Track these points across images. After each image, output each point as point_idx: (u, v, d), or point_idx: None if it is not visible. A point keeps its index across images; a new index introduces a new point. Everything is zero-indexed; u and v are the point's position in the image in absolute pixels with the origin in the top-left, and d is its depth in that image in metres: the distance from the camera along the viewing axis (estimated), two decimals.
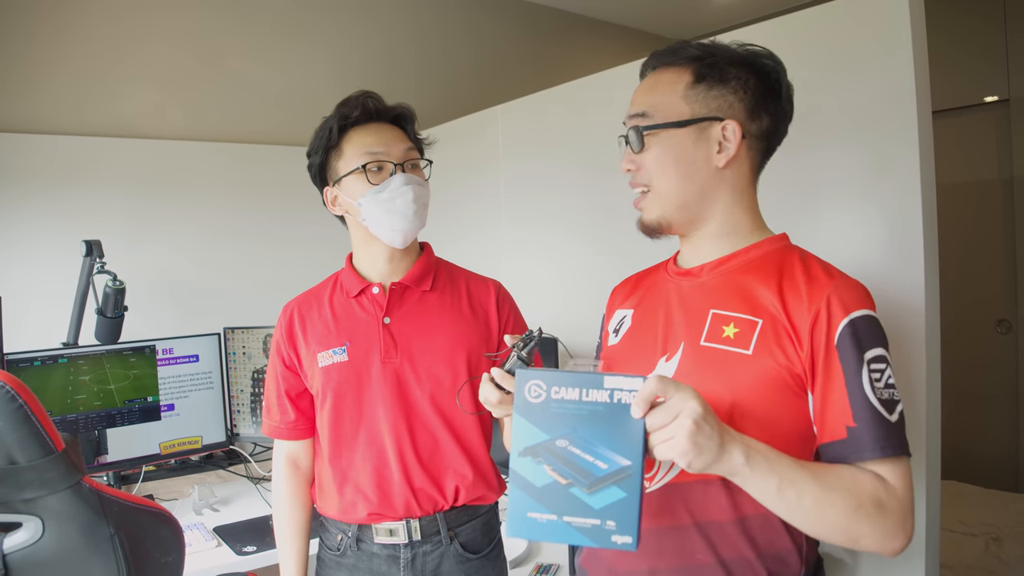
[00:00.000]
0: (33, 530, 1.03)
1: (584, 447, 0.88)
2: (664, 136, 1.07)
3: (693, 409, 0.84)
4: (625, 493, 0.86)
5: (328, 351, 1.42)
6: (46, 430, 1.02)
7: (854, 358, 0.96)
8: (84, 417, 2.23)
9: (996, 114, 3.65)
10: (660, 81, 1.09)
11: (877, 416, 0.94)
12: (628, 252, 2.17)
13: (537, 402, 0.90)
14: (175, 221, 2.90)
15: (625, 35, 4.45)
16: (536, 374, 0.91)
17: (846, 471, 0.94)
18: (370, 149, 1.38)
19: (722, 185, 1.08)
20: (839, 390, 0.96)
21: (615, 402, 0.87)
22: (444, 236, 3.01)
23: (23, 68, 2.58)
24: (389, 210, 1.37)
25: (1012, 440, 3.61)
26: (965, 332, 3.63)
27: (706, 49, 1.08)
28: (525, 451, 0.90)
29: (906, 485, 0.94)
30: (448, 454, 1.42)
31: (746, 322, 1.03)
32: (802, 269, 1.04)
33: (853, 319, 0.97)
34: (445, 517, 1.43)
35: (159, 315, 2.70)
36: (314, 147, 1.44)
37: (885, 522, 0.92)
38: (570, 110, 2.42)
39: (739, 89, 1.05)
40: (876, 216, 1.55)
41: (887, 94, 1.52)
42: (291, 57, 3.19)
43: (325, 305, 1.47)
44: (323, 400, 1.43)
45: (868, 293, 1.02)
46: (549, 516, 0.89)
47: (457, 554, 1.43)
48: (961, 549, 2.58)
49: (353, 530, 1.44)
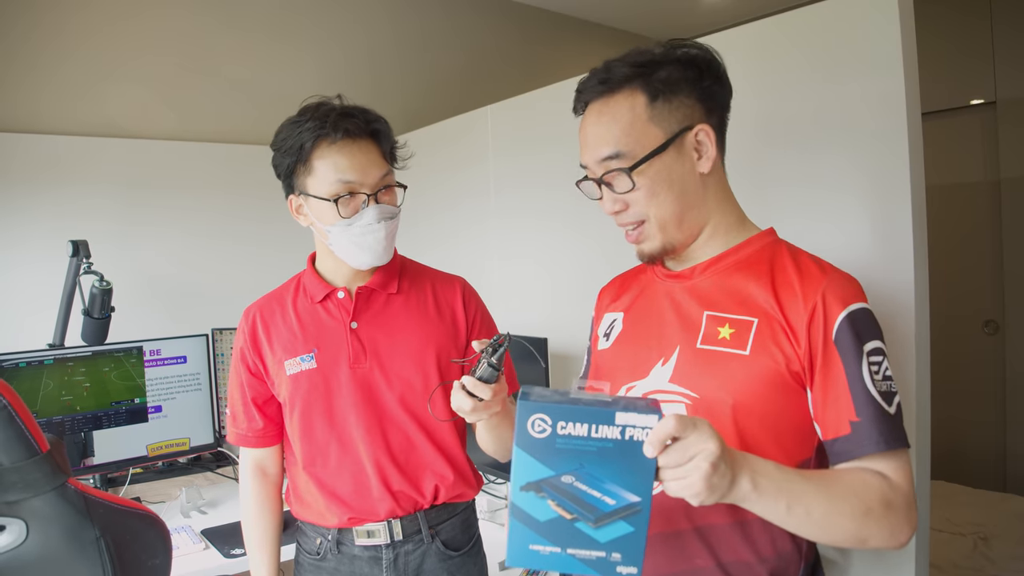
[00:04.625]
0: (17, 533, 1.01)
1: (591, 483, 0.84)
2: (650, 166, 1.03)
3: (711, 452, 0.81)
4: (633, 528, 0.83)
5: (295, 359, 1.39)
6: (30, 431, 1.01)
7: (854, 352, 0.95)
8: (70, 419, 2.21)
9: (983, 116, 3.67)
10: (615, 114, 1.04)
11: (879, 410, 0.94)
12: (618, 252, 2.17)
13: (541, 437, 0.84)
14: (163, 221, 2.88)
15: (614, 37, 4.45)
16: (541, 408, 0.84)
17: (853, 476, 0.93)
18: (343, 176, 1.29)
19: (709, 189, 1.07)
20: (841, 385, 0.96)
21: (626, 439, 0.83)
22: (434, 236, 3.01)
23: (9, 68, 2.56)
24: (359, 244, 1.32)
25: (999, 440, 3.63)
26: (953, 333, 3.65)
27: (637, 64, 1.04)
28: (527, 486, 0.85)
29: (907, 477, 0.95)
30: (424, 454, 1.40)
31: (741, 322, 1.02)
32: (793, 264, 1.03)
33: (851, 312, 0.97)
34: (425, 516, 1.42)
35: (146, 316, 2.67)
36: (280, 147, 1.34)
37: (892, 520, 0.92)
38: (559, 110, 2.41)
39: (691, 92, 1.04)
40: (865, 217, 1.56)
41: (876, 95, 1.52)
42: (279, 58, 3.18)
43: (289, 310, 1.43)
44: (292, 408, 1.40)
45: (860, 286, 1.02)
46: (552, 548, 0.85)
47: (439, 552, 1.43)
48: (950, 549, 2.59)
49: (333, 533, 1.41)
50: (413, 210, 3.35)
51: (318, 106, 1.33)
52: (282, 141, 1.33)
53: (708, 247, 1.10)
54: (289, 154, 1.32)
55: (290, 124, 1.34)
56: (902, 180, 1.49)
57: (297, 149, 1.30)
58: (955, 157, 3.78)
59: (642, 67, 1.03)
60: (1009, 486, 3.51)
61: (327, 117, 1.29)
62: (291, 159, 1.33)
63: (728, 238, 1.09)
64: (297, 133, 1.30)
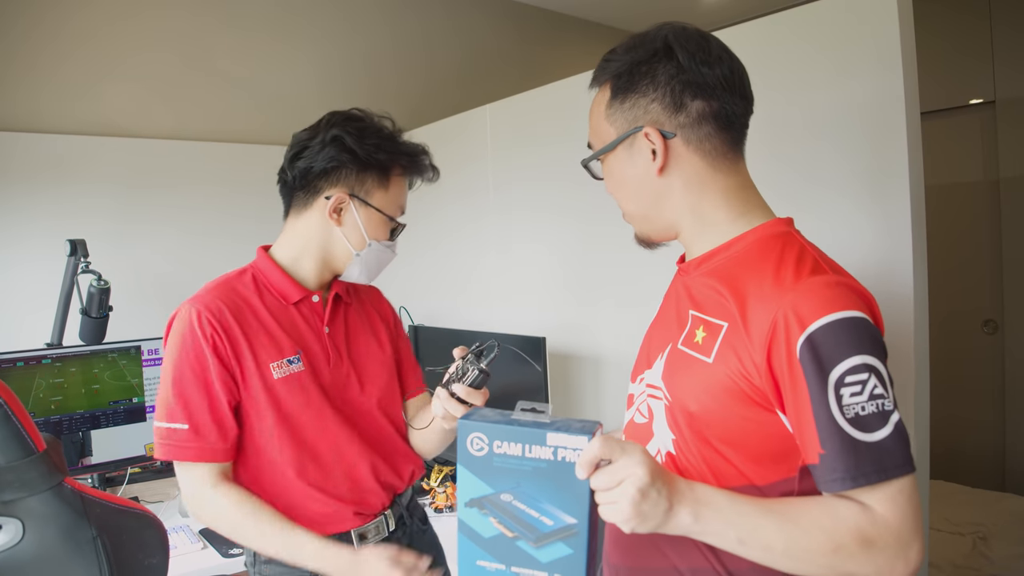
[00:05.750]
0: (13, 532, 1.01)
1: (529, 503, 0.85)
2: (606, 162, 1.06)
3: (639, 477, 0.79)
4: (572, 550, 0.84)
5: (282, 360, 1.33)
6: (27, 430, 1.00)
7: (817, 379, 0.84)
8: (68, 418, 2.21)
9: (982, 116, 3.67)
10: (592, 106, 1.08)
11: (848, 442, 0.82)
12: (616, 250, 2.17)
13: (479, 455, 0.87)
14: (161, 220, 2.87)
15: (613, 36, 4.45)
16: (477, 427, 0.87)
17: (822, 508, 0.84)
18: (403, 206, 1.45)
19: (672, 189, 1.02)
20: (806, 413, 0.85)
21: (559, 460, 0.83)
22: (434, 235, 3.01)
23: (8, 67, 2.56)
24: (379, 262, 1.44)
25: (998, 440, 3.63)
26: (952, 332, 3.65)
27: (608, 60, 1.04)
28: (471, 503, 0.88)
29: (899, 511, 0.82)
30: (398, 444, 1.48)
31: (713, 326, 0.96)
32: (774, 267, 0.93)
33: (814, 332, 0.84)
34: (401, 499, 1.48)
35: (144, 315, 2.67)
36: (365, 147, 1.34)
37: (876, 558, 0.82)
38: (559, 109, 2.41)
39: (648, 89, 0.99)
40: (865, 217, 1.56)
41: (876, 95, 1.52)
42: (278, 57, 3.18)
43: (261, 310, 1.35)
44: (277, 413, 1.32)
45: (846, 292, 0.88)
46: (497, 566, 0.88)
47: (418, 529, 1.51)
48: (949, 548, 2.59)
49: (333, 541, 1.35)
50: (412, 209, 3.35)
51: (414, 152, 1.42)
52: (373, 145, 1.36)
53: (703, 241, 1.04)
54: (374, 160, 1.36)
55: (379, 132, 1.38)
56: (901, 180, 1.49)
57: (386, 161, 1.37)
58: (954, 157, 3.77)
59: (609, 62, 1.04)
60: (1008, 485, 3.51)
61: (418, 155, 1.42)
62: (373, 165, 1.36)
63: (720, 233, 1.02)
64: (395, 149, 1.38)
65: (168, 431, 1.28)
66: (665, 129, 0.99)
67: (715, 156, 1.01)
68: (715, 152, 1.00)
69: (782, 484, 0.92)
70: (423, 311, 3.02)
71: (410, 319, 2.99)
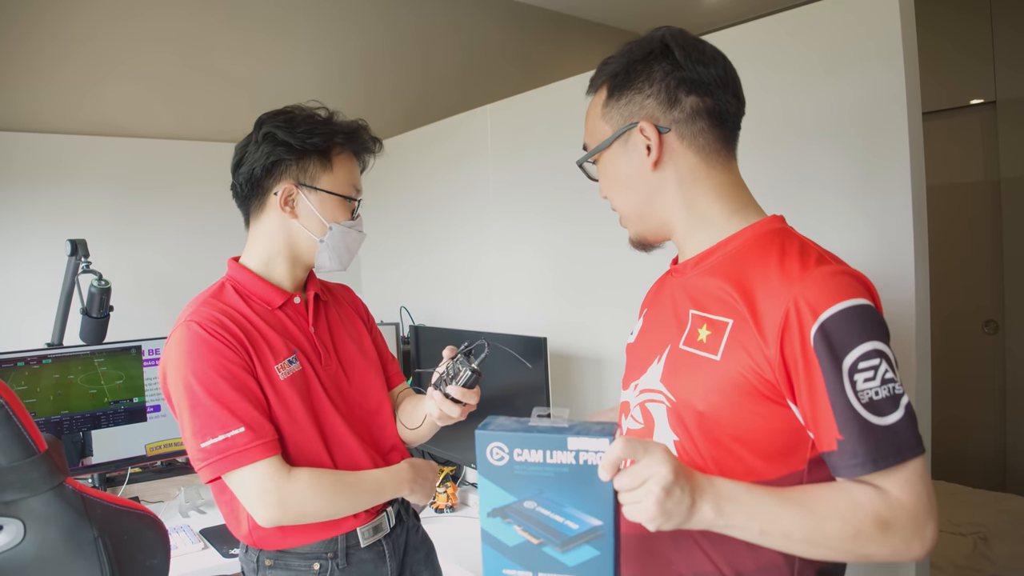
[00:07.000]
0: (14, 533, 1.01)
1: (553, 508, 0.86)
2: (601, 161, 1.08)
3: (662, 476, 0.81)
4: (599, 552, 0.85)
5: (283, 362, 1.34)
6: (28, 431, 1.00)
7: (831, 364, 0.86)
8: (69, 418, 2.21)
9: (983, 116, 3.67)
10: (589, 108, 1.10)
11: (865, 427, 0.85)
12: (616, 250, 2.17)
13: (500, 465, 0.87)
14: (161, 220, 2.88)
15: (613, 36, 4.45)
16: (496, 437, 0.87)
17: (840, 493, 0.87)
18: (356, 184, 1.42)
19: (666, 184, 1.03)
20: (823, 400, 0.87)
21: (581, 463, 0.84)
22: (433, 234, 3.01)
23: (8, 67, 2.56)
24: (348, 247, 1.42)
25: (999, 440, 3.63)
26: (953, 332, 3.65)
27: (621, 58, 1.05)
28: (494, 512, 0.88)
29: (914, 492, 0.85)
30: (390, 438, 1.50)
31: (717, 323, 0.97)
32: (778, 261, 0.94)
33: (827, 319, 0.87)
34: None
35: (145, 315, 2.67)
36: (297, 135, 1.34)
37: (893, 539, 0.84)
38: (559, 109, 2.41)
39: (644, 86, 1.02)
40: (865, 217, 1.56)
41: (877, 95, 1.52)
42: (278, 57, 3.18)
43: (254, 317, 1.36)
44: (286, 413, 1.33)
45: (850, 280, 0.91)
46: (525, 573, 0.88)
47: (413, 525, 1.52)
48: (950, 549, 2.59)
49: (340, 542, 1.37)
50: (412, 209, 3.35)
51: (350, 127, 1.40)
52: (305, 131, 1.35)
53: (698, 240, 1.05)
54: (309, 145, 1.35)
55: (310, 119, 1.38)
56: (902, 180, 1.49)
57: (322, 142, 1.36)
58: (955, 157, 3.77)
59: (606, 65, 1.07)
60: (1009, 486, 3.51)
61: (355, 130, 1.40)
62: (310, 150, 1.36)
63: (717, 230, 1.03)
64: (328, 129, 1.37)
65: (223, 443, 1.23)
66: (660, 124, 1.01)
67: (708, 152, 1.03)
68: (708, 148, 1.03)
69: (790, 478, 0.94)
70: (423, 311, 3.02)
71: (410, 319, 2.99)
